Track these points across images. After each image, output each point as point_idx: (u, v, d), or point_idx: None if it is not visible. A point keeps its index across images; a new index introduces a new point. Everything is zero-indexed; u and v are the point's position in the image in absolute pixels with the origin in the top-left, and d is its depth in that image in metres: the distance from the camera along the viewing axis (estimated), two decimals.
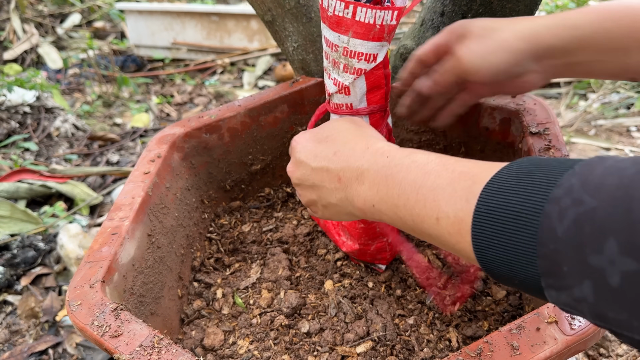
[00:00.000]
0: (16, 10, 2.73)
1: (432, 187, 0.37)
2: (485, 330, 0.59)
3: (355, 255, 0.69)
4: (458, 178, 0.35)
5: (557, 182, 0.28)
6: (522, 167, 0.32)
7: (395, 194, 0.40)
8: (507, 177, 0.32)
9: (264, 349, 0.61)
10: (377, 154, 0.43)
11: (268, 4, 0.77)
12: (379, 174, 0.42)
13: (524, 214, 0.29)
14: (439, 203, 0.36)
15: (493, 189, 0.32)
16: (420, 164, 0.39)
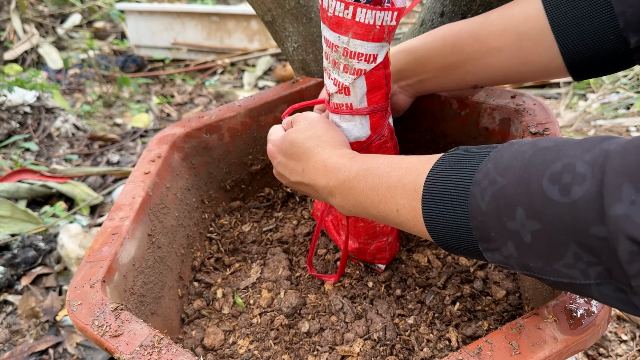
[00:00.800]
0: (16, 10, 2.73)
1: (387, 186, 0.44)
2: (485, 329, 0.59)
3: (355, 255, 0.69)
4: (405, 174, 0.43)
5: (478, 167, 0.36)
6: (453, 157, 0.40)
7: (362, 200, 0.47)
8: (442, 167, 0.40)
9: (264, 349, 0.61)
10: (336, 170, 0.49)
11: (268, 5, 0.77)
12: (344, 187, 0.48)
13: (457, 196, 0.37)
14: (395, 198, 0.43)
15: (433, 179, 0.40)
16: (372, 170, 0.46)
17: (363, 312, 0.64)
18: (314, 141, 0.54)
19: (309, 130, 0.55)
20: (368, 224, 0.63)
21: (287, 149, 0.55)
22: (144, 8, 2.58)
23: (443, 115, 0.74)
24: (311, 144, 0.53)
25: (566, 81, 2.05)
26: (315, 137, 0.54)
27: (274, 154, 0.59)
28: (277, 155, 0.58)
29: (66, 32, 2.89)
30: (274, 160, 0.59)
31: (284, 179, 0.58)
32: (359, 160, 0.48)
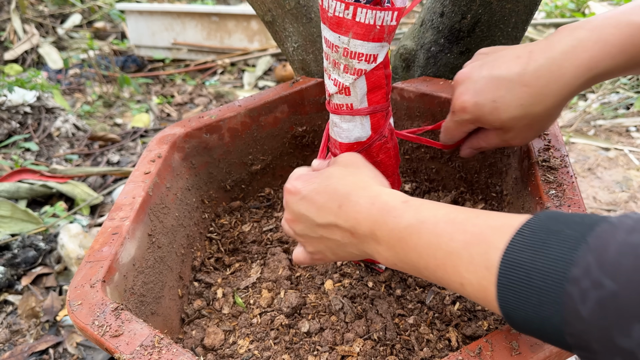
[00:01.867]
0: (17, 10, 2.73)
1: (448, 251, 0.37)
2: (485, 329, 0.59)
3: None
4: (472, 242, 0.36)
5: (574, 258, 0.29)
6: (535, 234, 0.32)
7: (414, 258, 0.40)
8: (523, 247, 0.32)
9: (264, 349, 0.61)
10: (384, 213, 0.42)
11: (268, 5, 0.77)
12: (392, 236, 0.41)
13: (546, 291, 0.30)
14: (459, 269, 0.36)
15: (511, 261, 0.32)
16: (429, 226, 0.39)
17: (363, 312, 0.64)
18: (357, 176, 0.47)
19: (352, 164, 0.48)
20: None
21: (322, 182, 0.47)
22: (144, 8, 2.58)
23: (443, 116, 0.74)
24: (354, 179, 0.46)
25: None
26: (357, 171, 0.48)
27: (296, 188, 0.49)
28: (303, 189, 0.48)
29: (66, 32, 2.89)
30: (293, 197, 0.49)
31: (303, 221, 0.49)
32: (413, 207, 0.41)
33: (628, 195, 1.42)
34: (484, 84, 0.47)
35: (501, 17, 0.71)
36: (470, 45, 0.75)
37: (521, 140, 0.52)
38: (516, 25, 0.73)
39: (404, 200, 0.43)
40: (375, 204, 0.43)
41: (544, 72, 0.44)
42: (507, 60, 0.46)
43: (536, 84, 0.45)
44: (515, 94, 0.46)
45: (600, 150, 1.61)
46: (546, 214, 0.33)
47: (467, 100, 0.48)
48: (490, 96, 0.47)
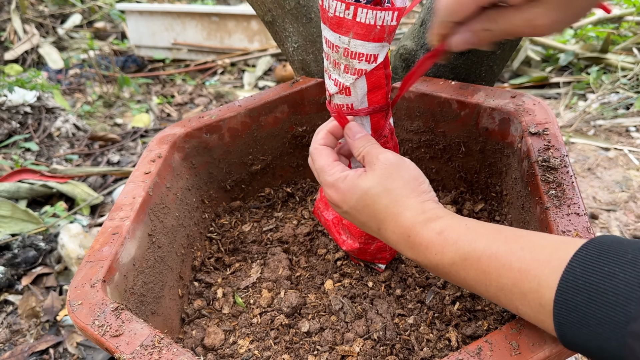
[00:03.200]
0: (17, 10, 2.73)
1: (499, 287, 0.38)
2: (484, 329, 0.59)
3: (355, 255, 0.69)
4: (521, 279, 0.36)
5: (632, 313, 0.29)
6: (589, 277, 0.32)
7: (467, 286, 0.41)
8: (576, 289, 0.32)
9: (264, 349, 0.61)
10: (423, 249, 0.43)
11: (268, 5, 0.77)
12: (437, 269, 0.43)
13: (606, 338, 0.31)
14: (513, 302, 0.37)
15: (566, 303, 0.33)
16: (473, 262, 0.39)
17: (363, 312, 0.64)
18: (391, 197, 0.46)
19: (386, 180, 0.47)
20: None
21: (358, 201, 0.47)
22: (144, 8, 2.58)
23: (443, 116, 0.74)
24: (388, 202, 0.46)
25: (566, 81, 2.05)
26: (394, 192, 0.46)
27: (336, 201, 0.50)
28: (343, 205, 0.49)
29: (66, 32, 2.89)
30: (336, 208, 0.50)
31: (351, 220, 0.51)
32: (451, 241, 0.41)
33: (628, 195, 1.42)
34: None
35: None
36: None
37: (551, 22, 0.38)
38: None
39: (439, 232, 0.42)
40: (410, 238, 0.44)
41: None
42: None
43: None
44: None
45: (600, 150, 1.61)
46: (595, 244, 0.33)
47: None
48: None
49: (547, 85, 2.08)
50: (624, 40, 2.11)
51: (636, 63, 1.94)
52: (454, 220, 0.43)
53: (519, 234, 0.39)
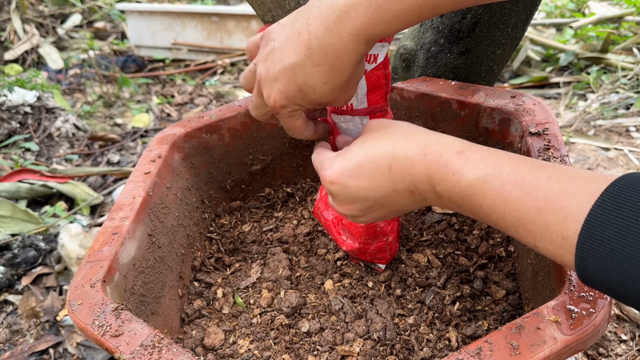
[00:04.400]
0: (17, 10, 2.73)
1: (519, 217, 0.36)
2: (484, 329, 0.59)
3: (355, 254, 0.69)
4: (545, 209, 0.34)
5: None
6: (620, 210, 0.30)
7: (480, 215, 0.39)
8: (605, 223, 0.31)
9: (264, 349, 0.61)
10: (441, 167, 0.40)
11: (268, 5, 0.77)
12: (453, 193, 0.40)
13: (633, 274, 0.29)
14: (532, 234, 0.35)
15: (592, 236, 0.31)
16: (494, 187, 0.37)
17: (363, 312, 0.64)
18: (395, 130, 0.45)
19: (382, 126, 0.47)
20: (368, 224, 0.63)
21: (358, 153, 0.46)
22: (144, 8, 2.58)
23: (443, 116, 0.74)
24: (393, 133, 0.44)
25: (566, 81, 2.05)
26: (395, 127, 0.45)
27: (335, 174, 0.47)
28: (342, 172, 0.46)
29: (66, 32, 2.89)
30: (337, 186, 0.47)
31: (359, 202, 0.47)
32: (472, 161, 0.39)
33: None
34: (283, 77, 0.44)
35: (501, 17, 0.71)
36: (470, 45, 0.75)
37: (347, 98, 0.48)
38: (516, 26, 0.73)
39: (459, 151, 0.40)
40: (427, 155, 0.41)
41: (328, 47, 0.41)
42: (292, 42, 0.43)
43: (327, 60, 0.42)
44: (314, 76, 0.43)
45: (600, 150, 1.61)
46: (629, 180, 0.31)
47: (279, 99, 0.46)
48: (294, 87, 0.44)
49: (547, 85, 2.08)
50: (624, 40, 2.11)
51: (636, 63, 1.94)
52: (473, 144, 0.41)
53: (544, 163, 0.37)
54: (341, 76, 0.44)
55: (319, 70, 0.43)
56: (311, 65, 0.43)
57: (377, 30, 0.41)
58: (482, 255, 0.70)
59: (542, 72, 2.11)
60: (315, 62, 0.43)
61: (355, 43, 0.41)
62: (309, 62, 0.43)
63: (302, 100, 0.46)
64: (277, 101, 0.46)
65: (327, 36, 0.41)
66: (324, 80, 0.44)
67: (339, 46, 0.41)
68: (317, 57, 0.42)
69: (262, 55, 0.47)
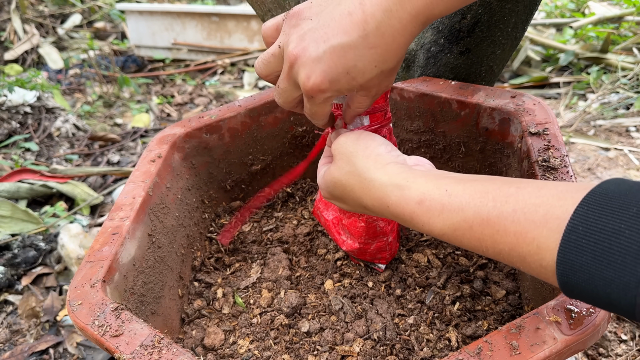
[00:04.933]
0: (17, 10, 2.73)
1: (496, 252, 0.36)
2: (484, 329, 0.59)
3: (355, 255, 0.69)
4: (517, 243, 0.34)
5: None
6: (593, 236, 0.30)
7: (463, 247, 0.40)
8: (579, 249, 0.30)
9: (264, 349, 0.61)
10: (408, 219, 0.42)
11: (268, 5, 0.77)
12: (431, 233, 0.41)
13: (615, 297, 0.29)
14: (515, 264, 0.36)
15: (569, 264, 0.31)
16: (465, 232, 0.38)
17: (363, 312, 0.64)
18: (356, 177, 0.46)
19: (346, 164, 0.48)
20: (368, 225, 0.63)
21: (336, 190, 0.49)
22: (144, 8, 2.58)
23: (443, 116, 0.74)
24: (356, 182, 0.46)
25: (566, 81, 2.05)
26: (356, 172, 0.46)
27: (327, 195, 0.52)
28: (330, 197, 0.52)
29: (66, 32, 2.89)
30: (331, 201, 0.53)
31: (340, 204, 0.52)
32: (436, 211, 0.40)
33: None
34: (329, 58, 0.41)
35: (501, 17, 0.71)
36: (470, 45, 0.75)
37: (387, 86, 0.47)
38: (516, 26, 0.73)
39: (419, 202, 0.40)
40: (390, 208, 0.43)
41: (386, 29, 0.40)
42: (341, 22, 0.41)
43: (383, 43, 0.40)
44: (366, 58, 0.41)
45: (600, 150, 1.61)
46: (596, 197, 0.31)
47: (321, 82, 0.42)
48: (341, 69, 0.42)
49: (547, 85, 2.08)
50: (624, 40, 2.11)
51: (636, 63, 1.94)
52: (429, 185, 0.41)
53: (506, 191, 0.36)
54: (393, 60, 0.42)
55: (372, 53, 0.41)
56: (365, 47, 0.40)
57: (436, 10, 0.40)
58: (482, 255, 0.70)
59: (542, 72, 2.11)
60: (370, 44, 0.40)
61: (414, 25, 0.40)
62: (363, 44, 0.40)
63: (347, 84, 0.43)
64: (318, 84, 0.43)
65: (386, 17, 0.39)
66: (375, 63, 0.42)
67: (398, 28, 0.40)
68: (373, 39, 0.40)
69: (294, 35, 0.43)
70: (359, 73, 0.42)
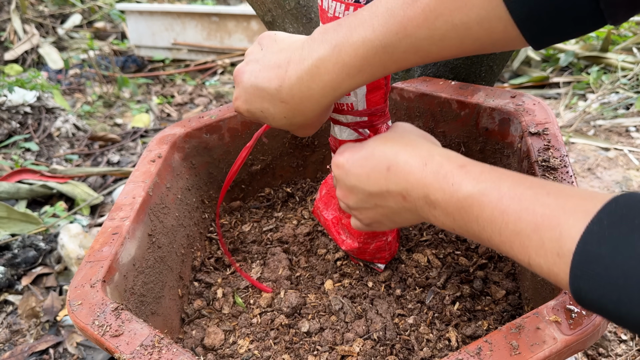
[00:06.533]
0: (17, 10, 2.73)
1: (515, 231, 0.35)
2: (484, 329, 0.59)
3: (354, 254, 0.69)
4: (542, 225, 0.34)
5: None
6: (617, 228, 0.30)
7: (475, 229, 0.39)
8: (601, 240, 0.30)
9: (264, 349, 0.61)
10: (440, 178, 0.41)
11: (268, 5, 0.77)
12: (449, 204, 0.40)
13: (629, 291, 0.29)
14: (527, 250, 0.35)
15: (587, 254, 0.31)
16: (492, 199, 0.37)
17: (363, 312, 0.64)
18: (406, 136, 0.47)
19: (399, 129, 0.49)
20: None
21: (368, 148, 0.47)
22: (144, 8, 2.58)
23: (443, 116, 0.74)
24: (403, 139, 0.46)
25: (566, 81, 2.05)
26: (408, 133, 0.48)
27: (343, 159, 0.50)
28: (349, 158, 0.49)
29: (66, 32, 2.89)
30: (342, 170, 0.50)
31: (355, 192, 0.49)
32: (473, 174, 0.39)
33: None
34: (251, 93, 0.48)
35: None
36: None
37: (304, 134, 0.52)
38: None
39: (461, 165, 0.41)
40: (428, 165, 0.42)
41: (296, 91, 0.45)
42: (270, 69, 0.46)
43: (292, 101, 0.46)
44: (277, 107, 0.47)
45: (600, 150, 1.61)
46: (626, 199, 0.31)
47: (240, 106, 0.50)
48: (258, 106, 0.48)
49: (547, 85, 2.08)
50: (624, 40, 2.11)
51: (636, 63, 1.94)
52: (475, 161, 0.41)
53: (544, 181, 0.37)
54: (300, 118, 0.47)
55: (282, 106, 0.47)
56: (277, 99, 0.46)
57: (344, 85, 0.44)
58: (482, 255, 0.70)
59: (542, 72, 2.11)
60: (281, 99, 0.46)
61: (322, 95, 0.45)
62: (277, 96, 0.46)
63: (262, 119, 0.50)
64: (239, 108, 0.50)
65: (297, 83, 0.45)
66: (284, 115, 0.47)
67: (306, 94, 0.45)
68: (284, 95, 0.46)
69: (248, 55, 0.50)
70: (270, 116, 0.48)
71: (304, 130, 0.51)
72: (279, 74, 0.46)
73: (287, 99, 0.46)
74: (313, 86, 0.44)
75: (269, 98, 0.47)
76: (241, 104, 0.50)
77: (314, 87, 0.44)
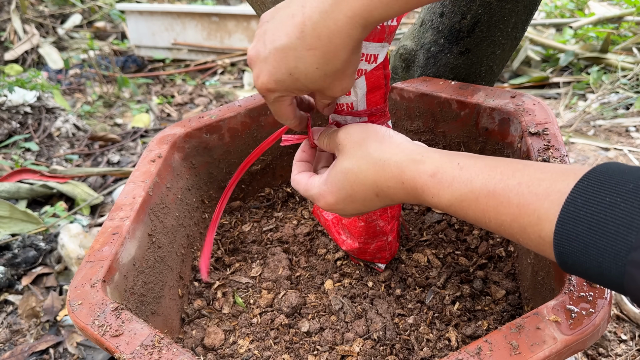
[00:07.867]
0: (17, 10, 2.73)
1: (498, 223, 0.38)
2: (484, 329, 0.59)
3: (355, 254, 0.69)
4: (520, 214, 0.36)
5: (632, 242, 0.30)
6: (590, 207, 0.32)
7: (467, 220, 0.42)
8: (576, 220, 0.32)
9: (264, 348, 0.61)
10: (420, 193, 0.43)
11: (268, 5, 0.77)
12: (438, 207, 0.43)
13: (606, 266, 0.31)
14: (514, 236, 0.38)
15: (566, 233, 0.33)
16: (471, 203, 0.39)
17: (363, 312, 0.64)
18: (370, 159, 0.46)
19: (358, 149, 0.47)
20: (368, 224, 0.63)
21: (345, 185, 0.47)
22: (144, 8, 2.58)
23: (443, 116, 0.74)
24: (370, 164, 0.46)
25: (566, 81, 2.05)
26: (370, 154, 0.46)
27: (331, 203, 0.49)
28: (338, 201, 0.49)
29: (67, 32, 2.89)
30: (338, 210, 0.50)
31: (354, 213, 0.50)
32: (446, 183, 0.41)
33: None
34: (273, 59, 0.43)
35: (501, 17, 0.71)
36: (470, 45, 0.75)
37: (342, 89, 0.47)
38: (516, 26, 0.73)
39: (432, 174, 0.42)
40: (405, 184, 0.44)
41: (322, 30, 0.40)
42: (285, 24, 0.42)
43: (320, 44, 0.41)
44: (305, 60, 0.42)
45: (600, 150, 1.61)
46: (597, 174, 0.33)
47: (267, 82, 0.45)
48: (284, 70, 0.43)
49: (547, 85, 2.08)
50: (624, 40, 2.11)
51: (636, 63, 1.94)
52: (443, 160, 0.42)
53: (514, 167, 0.38)
54: (335, 62, 0.42)
55: (311, 55, 0.42)
56: (303, 49, 0.41)
57: (375, 13, 0.39)
58: (482, 255, 0.70)
59: (542, 72, 2.11)
60: (307, 46, 0.41)
61: (352, 27, 0.40)
62: (301, 45, 0.41)
63: (293, 85, 0.44)
64: (265, 84, 0.45)
65: (322, 19, 0.40)
66: (316, 65, 0.42)
67: (334, 30, 0.40)
68: (310, 40, 0.41)
69: (255, 38, 0.46)
70: (301, 74, 0.43)
71: (340, 83, 0.45)
72: (296, 21, 0.41)
73: (314, 42, 0.41)
74: (340, 17, 0.39)
75: (293, 53, 0.42)
76: (266, 78, 0.44)
77: (341, 19, 0.39)
